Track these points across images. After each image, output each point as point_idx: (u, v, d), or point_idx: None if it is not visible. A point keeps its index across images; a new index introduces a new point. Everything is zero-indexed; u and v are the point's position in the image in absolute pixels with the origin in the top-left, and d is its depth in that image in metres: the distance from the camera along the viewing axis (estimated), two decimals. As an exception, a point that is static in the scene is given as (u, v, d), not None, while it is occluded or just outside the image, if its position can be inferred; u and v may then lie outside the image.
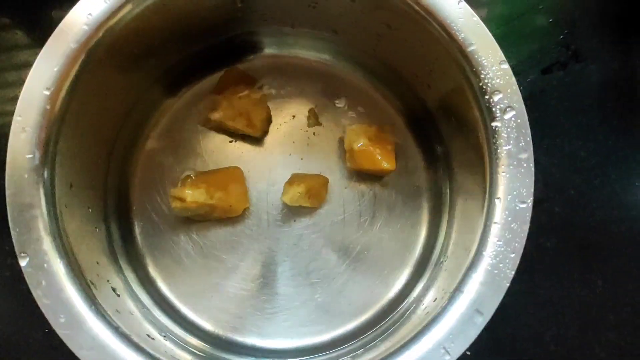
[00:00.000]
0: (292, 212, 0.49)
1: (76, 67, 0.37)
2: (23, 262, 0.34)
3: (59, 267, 0.34)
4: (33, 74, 0.36)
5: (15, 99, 0.52)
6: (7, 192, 0.35)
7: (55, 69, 0.36)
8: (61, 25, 0.37)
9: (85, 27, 0.37)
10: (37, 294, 0.34)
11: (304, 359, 0.45)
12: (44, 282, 0.34)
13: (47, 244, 0.34)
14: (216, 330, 0.47)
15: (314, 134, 0.51)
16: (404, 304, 0.46)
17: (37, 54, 0.53)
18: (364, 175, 0.50)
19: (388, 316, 0.46)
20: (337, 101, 0.51)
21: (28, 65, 0.53)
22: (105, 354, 0.33)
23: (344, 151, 0.49)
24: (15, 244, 0.34)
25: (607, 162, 0.51)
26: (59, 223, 0.36)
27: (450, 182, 0.47)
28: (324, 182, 0.49)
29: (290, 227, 0.49)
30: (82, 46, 0.37)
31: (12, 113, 0.52)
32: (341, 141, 0.50)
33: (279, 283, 0.48)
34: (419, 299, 0.44)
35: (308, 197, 0.47)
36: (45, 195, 0.35)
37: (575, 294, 0.50)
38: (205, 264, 0.48)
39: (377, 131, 0.48)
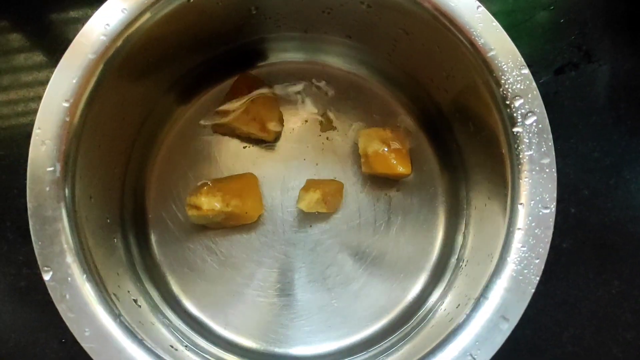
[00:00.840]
0: (307, 217, 0.49)
1: (94, 78, 0.36)
2: (47, 276, 0.34)
3: (82, 281, 0.34)
4: (51, 86, 0.36)
5: (14, 102, 0.53)
6: (29, 205, 0.34)
7: (74, 81, 0.36)
8: (79, 36, 0.36)
9: (103, 38, 0.36)
10: (61, 307, 0.34)
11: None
12: (68, 296, 0.34)
13: (70, 258, 0.34)
14: (235, 339, 0.47)
15: (327, 138, 0.51)
16: (422, 309, 0.46)
17: (36, 56, 0.54)
18: (379, 180, 0.50)
19: (407, 321, 0.46)
20: (350, 105, 0.51)
21: (27, 68, 0.54)
22: (132, 368, 0.33)
23: (358, 155, 0.49)
24: (38, 258, 0.34)
25: (621, 162, 0.51)
26: (81, 235, 0.36)
27: (467, 186, 0.47)
28: (339, 187, 0.49)
29: (306, 233, 0.49)
30: (100, 57, 0.36)
31: (10, 116, 0.52)
32: (355, 145, 0.50)
33: (297, 289, 0.48)
34: (438, 304, 0.44)
35: (324, 202, 0.47)
36: (67, 208, 0.35)
37: (591, 294, 0.50)
38: (222, 271, 0.48)
39: (391, 134, 0.48)
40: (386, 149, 0.47)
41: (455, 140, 0.48)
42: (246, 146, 0.50)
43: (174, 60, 0.45)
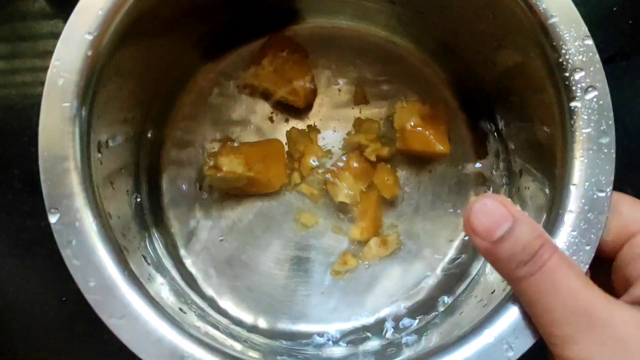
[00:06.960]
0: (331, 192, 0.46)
1: (122, 13, 0.33)
2: (53, 219, 0.31)
3: (91, 227, 0.31)
4: (75, 16, 0.33)
5: (32, 70, 0.50)
6: (40, 142, 0.31)
7: (100, 12, 0.33)
8: (108, -35, 0.33)
9: (135, -32, 0.33)
10: (66, 253, 0.31)
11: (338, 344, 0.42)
12: (74, 242, 0.31)
13: (80, 201, 0.31)
14: (245, 312, 0.44)
15: (359, 111, 0.48)
16: (449, 294, 0.43)
17: (57, 24, 0.50)
18: (410, 158, 0.47)
19: (431, 305, 0.43)
20: (385, 77, 0.48)
21: (50, 36, 0.50)
22: (137, 324, 0.30)
23: (390, 130, 0.46)
24: (45, 199, 0.31)
25: (669, 161, 0.48)
26: (93, 180, 0.33)
27: (506, 168, 0.44)
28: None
29: (329, 208, 0.46)
30: (130, -11, 0.33)
31: (27, 84, 0.49)
32: (388, 120, 0.47)
33: (314, 265, 0.45)
34: (466, 291, 0.42)
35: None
36: (81, 147, 0.32)
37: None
38: (237, 241, 0.45)
39: (429, 110, 0.45)
40: (424, 125, 0.44)
41: (494, 120, 0.45)
42: (274, 112, 0.47)
43: (204, 11, 0.42)
